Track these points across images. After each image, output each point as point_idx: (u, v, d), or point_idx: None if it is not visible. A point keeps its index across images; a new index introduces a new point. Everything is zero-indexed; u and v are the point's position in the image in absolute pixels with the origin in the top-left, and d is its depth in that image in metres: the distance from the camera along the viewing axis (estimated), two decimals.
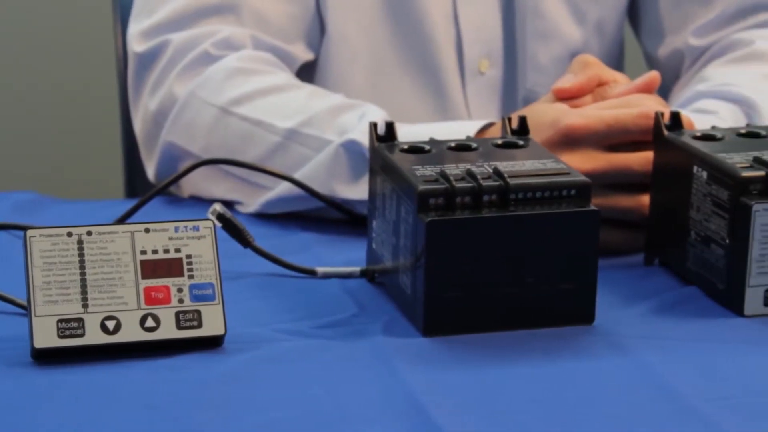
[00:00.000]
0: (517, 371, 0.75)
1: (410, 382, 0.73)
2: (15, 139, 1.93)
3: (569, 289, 0.80)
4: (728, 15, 1.13)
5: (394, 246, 0.83)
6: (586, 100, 0.96)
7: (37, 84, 1.91)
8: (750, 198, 0.81)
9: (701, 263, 0.85)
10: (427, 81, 1.14)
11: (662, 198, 0.89)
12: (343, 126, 0.98)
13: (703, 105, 1.03)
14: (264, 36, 1.07)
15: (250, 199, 1.01)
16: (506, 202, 0.79)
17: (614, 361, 0.76)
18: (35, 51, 1.90)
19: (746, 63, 1.09)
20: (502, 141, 0.86)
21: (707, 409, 0.70)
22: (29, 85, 1.91)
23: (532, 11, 1.13)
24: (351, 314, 0.83)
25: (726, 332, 0.80)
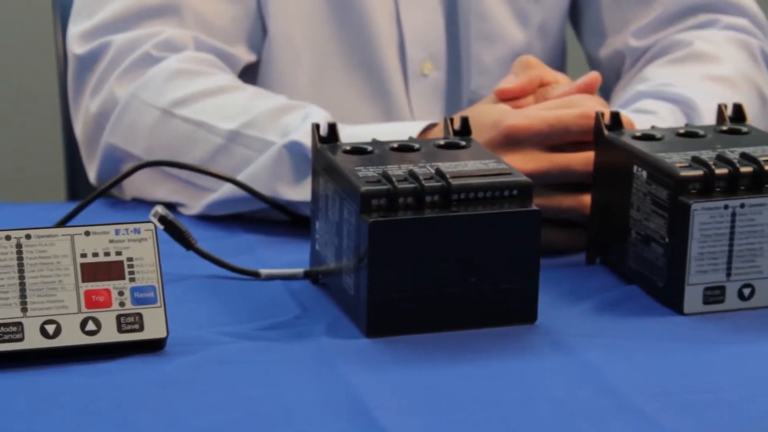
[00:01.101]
0: (460, 371, 0.75)
1: (353, 384, 0.73)
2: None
3: (512, 289, 0.81)
4: (668, 16, 1.14)
5: (337, 247, 0.83)
6: (528, 100, 0.96)
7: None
8: (689, 197, 0.82)
9: (641, 262, 0.86)
10: (370, 83, 1.14)
11: (603, 197, 0.90)
12: (286, 127, 0.98)
13: (643, 105, 1.04)
14: (206, 37, 1.06)
15: (193, 201, 1.01)
16: (448, 202, 0.80)
17: (556, 360, 0.77)
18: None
19: (686, 63, 1.10)
20: (444, 142, 0.87)
21: (647, 406, 0.71)
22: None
23: (475, 14, 1.14)
24: (294, 316, 0.83)
25: (666, 330, 0.81)
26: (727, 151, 0.84)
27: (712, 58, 1.09)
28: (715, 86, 1.06)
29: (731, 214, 0.82)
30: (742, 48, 1.12)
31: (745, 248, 0.82)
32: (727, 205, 0.82)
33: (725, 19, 1.14)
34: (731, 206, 0.82)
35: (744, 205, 0.82)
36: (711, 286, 0.83)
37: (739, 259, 0.82)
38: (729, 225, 0.82)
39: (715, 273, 0.82)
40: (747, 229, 0.82)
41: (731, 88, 1.07)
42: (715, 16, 1.14)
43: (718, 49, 1.10)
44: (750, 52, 1.12)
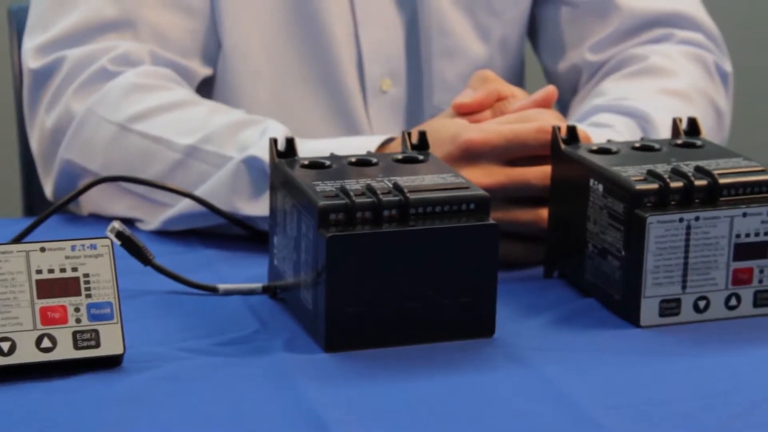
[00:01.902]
0: (418, 385, 0.75)
1: (312, 398, 0.73)
2: None
3: (469, 303, 0.81)
4: (624, 31, 1.15)
5: (296, 262, 0.83)
6: (485, 115, 0.97)
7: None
8: (644, 210, 0.82)
9: (598, 275, 0.86)
10: (329, 99, 1.14)
11: (560, 211, 0.90)
12: (244, 142, 0.98)
13: (599, 119, 1.04)
14: (162, 51, 1.06)
15: (151, 217, 1.00)
16: (406, 216, 0.80)
17: (514, 373, 0.77)
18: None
19: (641, 77, 1.11)
20: (402, 156, 0.87)
21: (604, 419, 0.71)
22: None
23: (437, 30, 1.14)
24: (253, 331, 0.82)
25: (623, 343, 0.81)
26: (682, 165, 0.85)
27: (668, 72, 1.11)
28: (670, 100, 1.07)
29: (686, 227, 0.82)
30: (697, 62, 1.13)
31: (700, 261, 0.83)
32: (682, 218, 0.82)
33: (680, 34, 1.15)
34: (686, 219, 0.82)
35: (699, 218, 0.82)
36: (667, 299, 0.83)
37: (694, 272, 0.83)
38: (684, 238, 0.83)
39: (671, 286, 0.83)
40: (702, 242, 0.83)
41: (686, 102, 1.08)
42: (670, 31, 1.15)
43: (674, 63, 1.12)
44: (705, 67, 1.13)
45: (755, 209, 0.83)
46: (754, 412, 0.72)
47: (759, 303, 0.85)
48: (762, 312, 0.85)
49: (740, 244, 0.83)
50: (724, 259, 0.83)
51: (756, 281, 0.84)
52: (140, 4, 1.06)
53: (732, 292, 0.84)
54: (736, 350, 0.80)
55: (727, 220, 0.83)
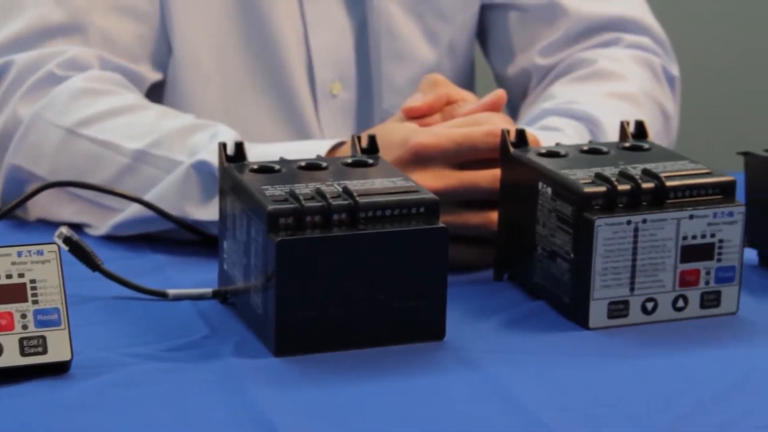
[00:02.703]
0: (368, 389, 0.75)
1: (261, 403, 0.73)
2: None
3: (420, 306, 0.81)
4: (572, 35, 1.16)
5: (245, 266, 0.83)
6: (435, 118, 0.97)
7: None
8: (592, 213, 0.83)
9: (548, 278, 0.87)
10: (280, 103, 1.14)
11: (510, 214, 0.91)
12: (194, 146, 0.98)
13: (548, 122, 1.05)
14: (111, 56, 1.05)
15: (100, 222, 1.00)
16: (356, 220, 0.80)
17: (464, 376, 0.77)
18: None
19: (590, 81, 1.12)
20: (351, 160, 0.87)
21: (552, 421, 0.71)
22: None
23: (385, 33, 1.15)
24: (202, 336, 0.82)
25: (572, 345, 0.82)
26: (630, 168, 0.86)
27: (616, 76, 1.11)
28: (618, 103, 1.08)
29: (634, 230, 0.83)
30: (645, 66, 1.14)
31: (648, 263, 0.84)
32: (629, 220, 0.83)
33: (628, 38, 1.16)
34: (634, 222, 0.83)
35: (646, 221, 0.83)
36: (615, 301, 0.84)
37: (642, 274, 0.84)
38: (632, 240, 0.83)
39: (619, 288, 0.84)
40: (649, 244, 0.83)
41: (634, 105, 1.09)
42: (618, 35, 1.16)
43: (622, 67, 1.13)
44: (652, 70, 1.14)
45: (701, 211, 0.84)
46: (701, 412, 0.73)
47: (705, 304, 0.85)
48: (708, 313, 0.85)
49: (687, 246, 0.84)
50: (671, 261, 0.84)
51: (702, 283, 0.85)
52: (88, 9, 1.05)
53: (679, 294, 0.85)
54: (683, 351, 0.81)
55: (674, 223, 0.84)
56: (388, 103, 1.16)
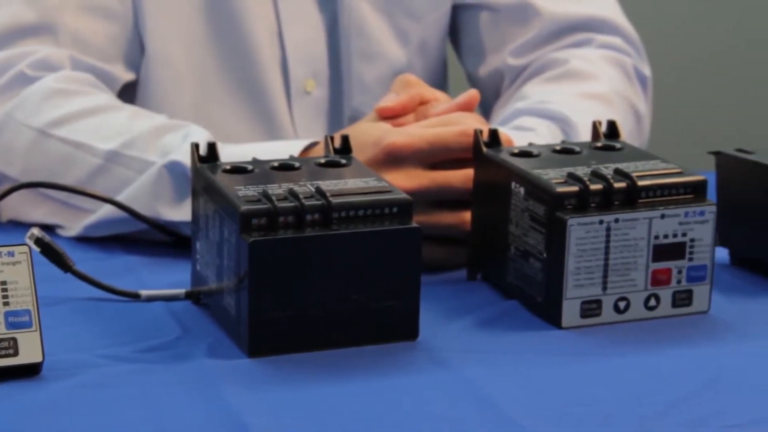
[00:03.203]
0: (342, 389, 0.75)
1: (235, 404, 0.73)
2: None
3: (393, 306, 0.81)
4: (545, 35, 1.16)
5: (218, 267, 0.82)
6: (408, 118, 0.97)
7: None
8: (565, 213, 0.83)
9: (521, 277, 0.87)
10: (253, 102, 1.14)
11: (483, 214, 0.91)
12: (166, 147, 0.97)
13: (521, 122, 1.05)
14: (83, 56, 1.05)
15: (72, 223, 0.99)
16: (329, 220, 0.80)
17: (437, 376, 0.77)
18: None
19: (562, 81, 1.12)
20: (324, 160, 0.87)
21: (526, 420, 0.72)
22: None
23: (356, 31, 1.15)
24: (175, 337, 0.82)
25: (545, 344, 0.82)
26: (602, 167, 0.86)
27: (588, 76, 1.12)
28: (590, 103, 1.09)
29: (606, 229, 0.83)
30: (617, 66, 1.15)
31: (620, 262, 0.84)
32: (602, 220, 0.83)
33: (600, 38, 1.16)
34: (606, 221, 0.83)
35: (618, 220, 0.84)
36: (588, 300, 0.84)
37: (614, 273, 0.84)
38: (604, 240, 0.84)
39: (592, 287, 0.84)
40: (621, 244, 0.84)
41: (606, 105, 1.10)
42: (590, 35, 1.16)
43: (594, 67, 1.13)
44: (624, 70, 1.15)
45: (673, 211, 0.84)
46: (673, 411, 0.73)
47: (677, 303, 0.86)
48: (680, 312, 0.86)
49: (659, 245, 0.84)
50: (643, 260, 0.84)
51: (674, 282, 0.85)
52: (60, 9, 1.05)
53: (651, 293, 0.85)
54: (655, 350, 0.81)
55: (646, 222, 0.84)
56: (357, 101, 1.16)
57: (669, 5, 2.28)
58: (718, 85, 2.33)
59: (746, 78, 2.33)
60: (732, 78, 2.33)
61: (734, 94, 2.34)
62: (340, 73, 1.16)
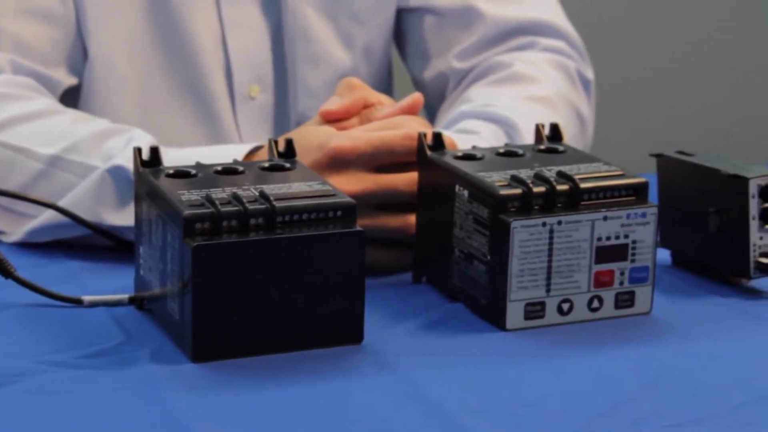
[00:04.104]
0: (286, 393, 0.75)
1: (178, 410, 0.72)
2: None
3: (338, 310, 0.81)
4: (489, 39, 1.17)
5: (162, 272, 0.82)
6: (352, 122, 0.97)
7: None
8: (508, 215, 0.84)
9: (465, 280, 0.87)
10: (197, 107, 1.13)
11: (427, 217, 0.91)
12: (109, 151, 0.97)
13: (465, 125, 1.06)
14: (24, 60, 1.04)
15: (13, 228, 0.98)
16: (273, 224, 0.80)
17: (382, 379, 0.77)
18: None
19: (506, 84, 1.12)
20: (268, 164, 0.87)
21: (470, 423, 0.72)
22: None
23: (300, 36, 1.15)
24: (118, 343, 0.81)
25: (489, 346, 0.82)
26: (545, 170, 0.87)
27: (532, 79, 1.13)
28: (534, 106, 1.09)
29: (549, 231, 0.84)
30: (560, 69, 1.15)
31: (563, 264, 0.85)
32: (545, 222, 0.84)
33: (543, 42, 1.17)
34: (549, 223, 0.84)
35: (561, 222, 0.84)
36: (532, 302, 0.85)
37: (558, 275, 0.85)
38: (547, 242, 0.84)
39: (536, 289, 0.84)
40: (564, 246, 0.84)
41: (550, 108, 1.10)
42: (533, 39, 1.17)
43: (537, 70, 1.14)
44: (567, 74, 1.16)
45: (615, 213, 0.85)
46: (616, 411, 0.74)
47: (620, 305, 0.87)
48: (623, 313, 0.87)
49: (601, 247, 0.85)
50: (586, 262, 0.85)
51: (617, 283, 0.86)
52: None
53: (594, 295, 0.86)
54: (598, 351, 0.82)
55: (589, 224, 0.85)
56: (303, 106, 1.16)
57: (611, 9, 2.30)
58: (660, 88, 2.36)
59: (687, 81, 2.36)
60: (674, 81, 2.36)
61: (676, 97, 2.36)
62: (285, 77, 1.16)
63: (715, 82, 2.36)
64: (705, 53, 2.35)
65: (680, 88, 2.36)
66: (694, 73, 2.35)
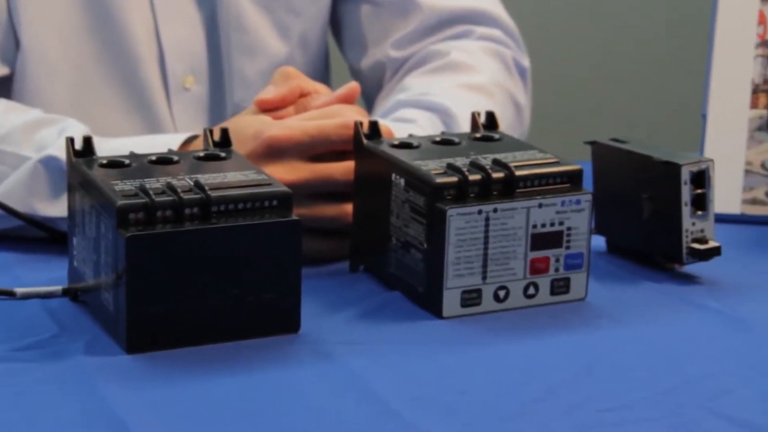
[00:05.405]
0: (222, 384, 0.75)
1: (113, 401, 0.72)
2: None
3: (274, 299, 0.81)
4: (425, 27, 1.17)
5: (96, 263, 0.81)
6: (288, 111, 0.97)
7: None
8: (444, 203, 0.84)
9: (403, 268, 0.87)
10: (132, 97, 1.12)
11: (364, 206, 0.91)
12: (42, 142, 0.96)
13: (402, 114, 1.06)
14: None
15: None
16: (208, 214, 0.79)
17: (318, 369, 0.77)
18: None
19: (443, 73, 1.13)
20: (204, 153, 0.86)
21: (406, 410, 0.72)
22: None
23: (235, 26, 1.14)
24: (51, 335, 0.80)
25: (426, 334, 0.82)
26: (480, 158, 0.87)
27: (468, 67, 1.13)
28: (471, 95, 1.10)
29: (485, 219, 0.84)
30: (496, 58, 1.16)
31: (499, 251, 0.85)
32: (480, 210, 0.84)
33: (480, 30, 1.17)
34: (485, 211, 0.84)
35: (497, 210, 0.84)
36: (468, 290, 0.85)
37: (494, 263, 0.85)
38: (483, 230, 0.84)
39: (472, 276, 0.85)
40: (500, 233, 0.85)
41: (487, 96, 1.11)
42: (470, 27, 1.17)
43: (474, 59, 1.14)
44: (503, 62, 1.16)
45: (550, 200, 0.85)
46: (550, 396, 0.74)
47: (555, 291, 0.87)
48: (558, 300, 0.87)
49: (536, 234, 0.86)
50: (521, 249, 0.85)
51: (552, 270, 0.87)
52: None
53: (530, 281, 0.86)
54: (533, 338, 0.82)
55: (524, 211, 0.85)
56: (239, 96, 1.15)
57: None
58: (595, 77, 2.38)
59: (622, 70, 2.38)
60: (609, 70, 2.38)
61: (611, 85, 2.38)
62: (220, 68, 1.15)
63: (649, 72, 2.38)
64: (639, 45, 2.37)
65: (615, 78, 2.38)
66: (628, 63, 2.37)
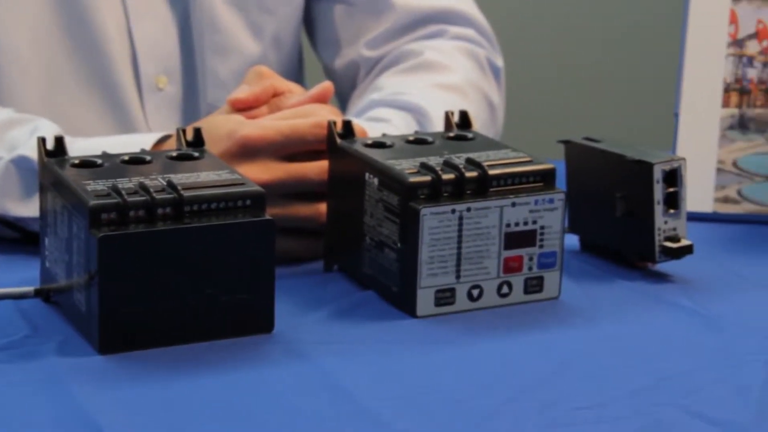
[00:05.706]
0: (196, 384, 0.75)
1: (85, 403, 0.71)
2: None
3: (248, 299, 0.81)
4: (399, 27, 1.17)
5: (68, 263, 0.81)
6: (262, 110, 0.97)
7: None
8: (418, 203, 0.84)
9: (376, 267, 0.87)
10: (105, 97, 1.12)
11: (338, 205, 0.91)
12: (13, 141, 0.95)
13: (376, 113, 1.06)
14: None
15: None
16: (181, 214, 0.79)
17: (293, 368, 0.77)
18: None
19: (417, 72, 1.13)
20: (177, 153, 0.86)
21: (381, 409, 0.72)
22: None
23: (208, 26, 1.14)
24: (23, 336, 0.80)
25: (400, 333, 0.82)
26: (454, 157, 0.87)
27: (442, 67, 1.13)
28: (445, 94, 1.10)
29: (458, 218, 0.84)
30: (470, 57, 1.16)
31: (473, 251, 0.85)
32: (454, 209, 0.84)
33: (453, 30, 1.17)
34: (458, 210, 0.84)
35: (470, 209, 0.85)
36: (442, 289, 0.85)
37: (467, 262, 0.85)
38: (457, 229, 0.84)
39: (446, 276, 0.85)
40: (473, 232, 0.85)
41: (460, 95, 1.11)
42: (443, 27, 1.17)
43: (448, 58, 1.14)
44: (477, 61, 1.16)
45: (523, 199, 0.86)
46: (524, 395, 0.74)
47: (529, 290, 0.87)
48: (532, 298, 0.87)
49: (510, 233, 0.86)
50: (495, 248, 0.86)
51: (526, 269, 0.87)
52: None
53: (504, 280, 0.87)
54: (507, 336, 0.82)
55: (497, 210, 0.85)
56: (213, 96, 1.15)
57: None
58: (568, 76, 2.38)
59: (596, 70, 2.39)
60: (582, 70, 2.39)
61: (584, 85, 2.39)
62: (194, 68, 1.15)
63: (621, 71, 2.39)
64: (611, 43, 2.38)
65: (587, 77, 2.39)
66: (600, 62, 2.38)
